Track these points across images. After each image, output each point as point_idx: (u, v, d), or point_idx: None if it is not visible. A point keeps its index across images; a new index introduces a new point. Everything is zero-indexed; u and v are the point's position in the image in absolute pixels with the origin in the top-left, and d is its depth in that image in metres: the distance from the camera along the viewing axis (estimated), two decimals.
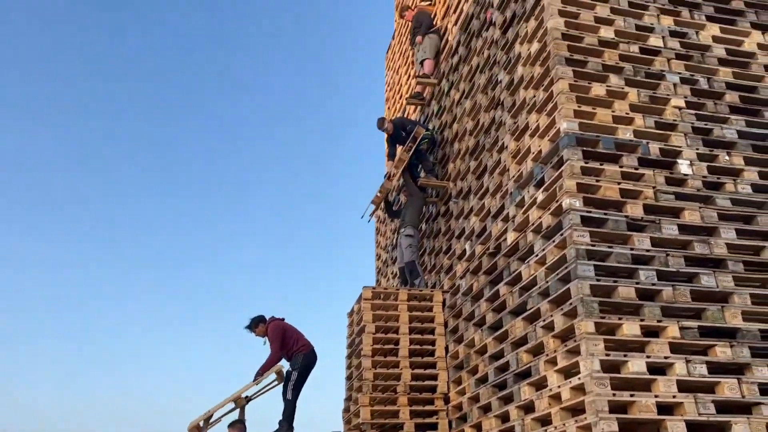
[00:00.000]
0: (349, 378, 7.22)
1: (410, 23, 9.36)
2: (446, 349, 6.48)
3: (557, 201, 4.67)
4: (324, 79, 33.50)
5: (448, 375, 6.30)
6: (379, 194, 8.31)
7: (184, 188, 29.24)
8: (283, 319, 7.02)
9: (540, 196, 4.98)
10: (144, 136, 29.08)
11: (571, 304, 4.24)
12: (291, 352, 6.74)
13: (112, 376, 22.22)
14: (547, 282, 4.63)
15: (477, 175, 6.59)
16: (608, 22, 5.38)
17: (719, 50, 5.49)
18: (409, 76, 10.05)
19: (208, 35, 31.62)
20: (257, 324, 6.94)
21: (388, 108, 11.83)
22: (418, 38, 8.71)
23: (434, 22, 9.07)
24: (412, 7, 9.55)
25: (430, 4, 9.24)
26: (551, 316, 4.49)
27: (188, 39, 31.00)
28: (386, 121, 8.31)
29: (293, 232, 30.31)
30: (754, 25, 5.73)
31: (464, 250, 6.55)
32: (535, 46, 5.50)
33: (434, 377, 6.30)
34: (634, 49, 5.30)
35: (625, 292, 4.20)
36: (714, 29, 5.58)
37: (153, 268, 26.60)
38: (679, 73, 5.27)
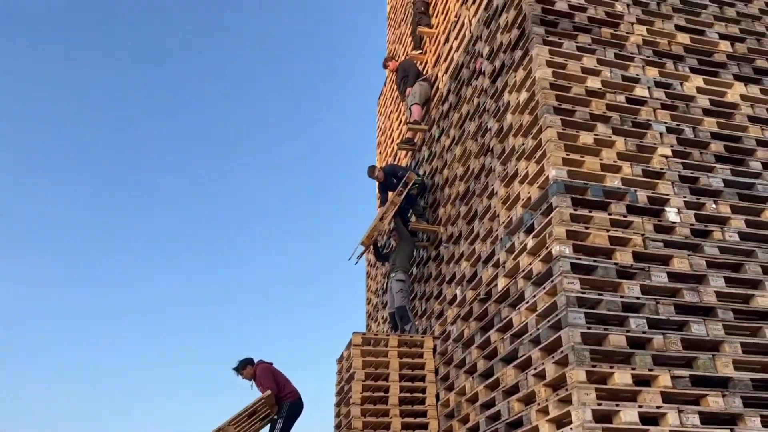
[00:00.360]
0: (337, 427, 7.07)
1: (394, 73, 9.58)
2: (437, 396, 6.38)
3: (547, 247, 4.69)
4: (316, 122, 33.93)
5: (439, 424, 6.19)
6: (368, 236, 8.32)
7: (170, 233, 29.15)
8: (271, 363, 6.91)
9: (530, 243, 5.00)
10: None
11: (562, 352, 4.21)
12: (277, 399, 6.61)
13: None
14: (538, 329, 4.61)
15: (467, 221, 6.61)
16: (595, 73, 5.51)
17: (703, 101, 5.62)
18: (401, 122, 10.18)
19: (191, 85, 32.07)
20: (245, 366, 6.82)
21: (380, 152, 11.94)
22: (409, 89, 8.88)
23: (425, 70, 9.26)
24: (396, 58, 9.79)
25: (421, 53, 9.44)
26: (542, 364, 4.45)
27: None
28: (377, 169, 8.38)
29: (281, 274, 30.17)
30: (737, 77, 5.88)
31: (455, 296, 6.52)
32: (524, 95, 5.61)
33: (425, 426, 6.19)
34: (621, 99, 5.42)
35: (616, 340, 4.18)
36: (698, 81, 5.73)
37: (145, 310, 26.37)
38: (665, 123, 5.37)
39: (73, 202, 28.17)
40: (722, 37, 6.12)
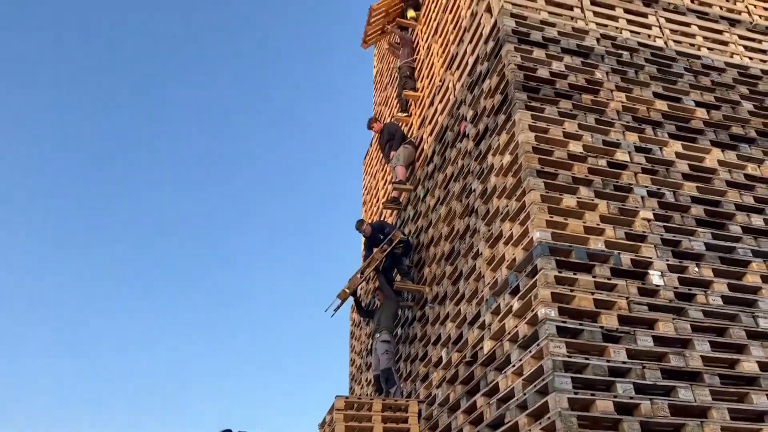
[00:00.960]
0: None
1: (378, 134, 9.72)
2: None
3: (533, 310, 4.67)
4: (304, 180, 34.14)
5: None
6: (346, 289, 8.22)
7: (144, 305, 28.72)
8: None
9: (515, 305, 4.97)
10: None
11: (549, 418, 4.13)
12: None
13: None
14: (524, 394, 4.52)
15: (453, 281, 6.59)
16: (576, 138, 5.63)
17: (683, 166, 5.74)
18: (386, 181, 10.28)
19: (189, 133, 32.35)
20: None
21: (365, 211, 11.99)
22: (393, 152, 9.00)
23: (410, 133, 9.42)
24: (381, 120, 9.97)
25: (407, 116, 9.63)
26: (530, 430, 4.35)
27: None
28: (365, 223, 8.40)
29: (263, 335, 29.69)
30: (714, 143, 6.04)
31: (440, 358, 6.43)
32: (507, 158, 5.70)
33: None
34: (603, 163, 5.52)
35: (604, 405, 4.11)
36: (677, 146, 5.87)
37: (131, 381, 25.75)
38: (647, 187, 5.46)
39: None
40: (698, 104, 6.32)
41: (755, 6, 7.80)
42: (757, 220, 5.55)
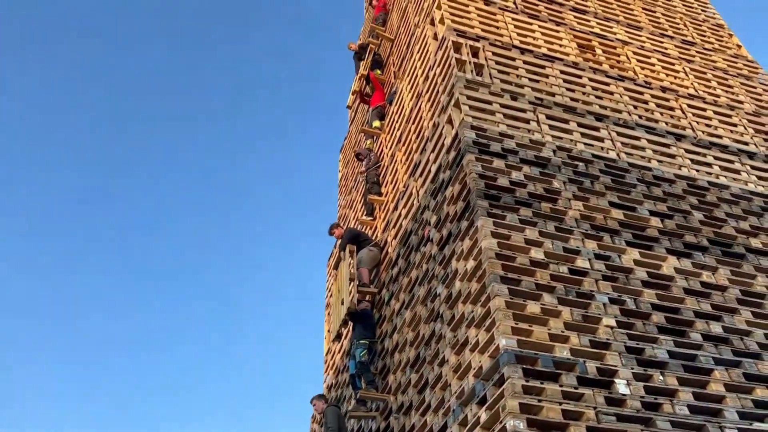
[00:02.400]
0: None
1: (339, 240, 9.77)
2: None
3: (501, 422, 4.54)
4: (267, 286, 33.85)
5: None
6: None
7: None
8: None
9: (483, 415, 4.83)
10: None
11: None
12: None
13: None
14: None
15: (418, 389, 6.41)
16: (538, 244, 5.75)
17: (641, 273, 5.87)
18: (350, 291, 10.19)
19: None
20: None
21: (328, 314, 11.79)
22: (348, 259, 9.04)
23: (374, 236, 9.49)
24: (342, 225, 10.06)
25: (372, 220, 9.74)
26: None
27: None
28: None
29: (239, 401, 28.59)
30: (669, 251, 6.23)
31: None
32: (471, 263, 5.75)
33: None
34: (564, 269, 5.61)
35: None
36: (634, 254, 6.03)
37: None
38: (608, 294, 5.54)
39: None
40: (652, 213, 6.58)
41: (698, 122, 8.35)
42: (715, 327, 5.64)
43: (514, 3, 9.37)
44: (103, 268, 30.11)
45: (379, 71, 12.06)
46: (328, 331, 10.71)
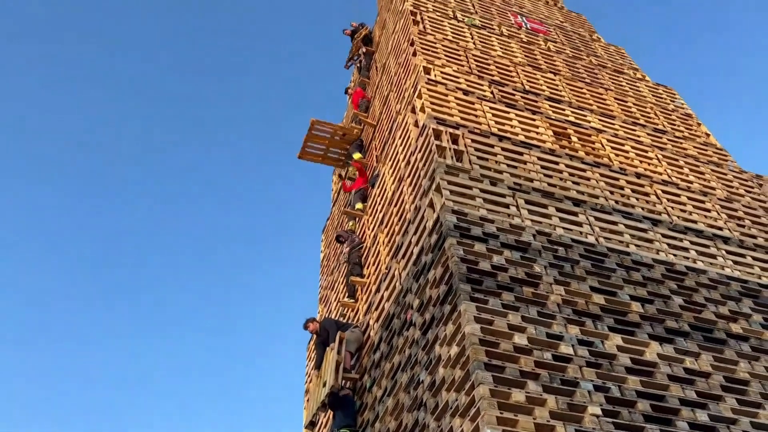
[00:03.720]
0: None
1: (315, 335, 9.35)
2: None
3: None
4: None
5: None
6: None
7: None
8: None
9: None
10: None
11: None
12: None
13: None
14: None
15: None
16: (521, 330, 5.71)
17: (625, 359, 5.83)
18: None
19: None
20: None
21: (307, 400, 11.43)
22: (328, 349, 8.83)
23: (356, 319, 9.38)
24: (318, 319, 9.93)
25: (354, 302, 9.66)
26: None
27: None
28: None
29: None
30: (651, 336, 6.22)
31: None
32: (455, 349, 5.68)
33: None
34: (548, 356, 5.56)
35: None
36: (617, 339, 6.01)
37: None
38: (592, 381, 5.47)
39: None
40: (633, 298, 6.61)
41: (673, 208, 8.56)
42: (701, 416, 5.56)
43: (492, 93, 9.76)
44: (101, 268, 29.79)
45: (360, 155, 12.33)
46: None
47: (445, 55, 10.50)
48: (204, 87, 37.00)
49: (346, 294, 9.98)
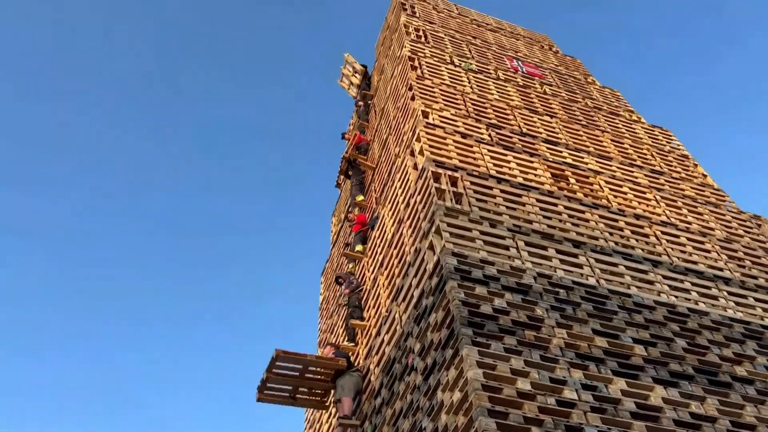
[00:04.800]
0: None
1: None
2: None
3: None
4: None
5: None
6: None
7: None
8: None
9: None
10: None
11: None
12: None
13: None
14: None
15: None
16: (524, 374, 5.64)
17: (629, 404, 5.74)
18: (331, 413, 9.80)
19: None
20: None
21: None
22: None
23: (356, 362, 9.27)
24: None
25: (354, 345, 9.56)
26: None
27: None
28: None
29: None
30: (656, 380, 6.14)
31: None
32: (457, 395, 5.60)
33: None
34: (552, 401, 5.47)
35: None
36: (621, 383, 5.93)
37: None
38: (597, 427, 5.37)
39: None
40: (636, 341, 6.55)
41: (672, 249, 8.57)
42: None
43: (490, 136, 9.88)
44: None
45: (361, 197, 12.38)
46: None
47: (443, 99, 10.67)
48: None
49: (346, 338, 9.88)
